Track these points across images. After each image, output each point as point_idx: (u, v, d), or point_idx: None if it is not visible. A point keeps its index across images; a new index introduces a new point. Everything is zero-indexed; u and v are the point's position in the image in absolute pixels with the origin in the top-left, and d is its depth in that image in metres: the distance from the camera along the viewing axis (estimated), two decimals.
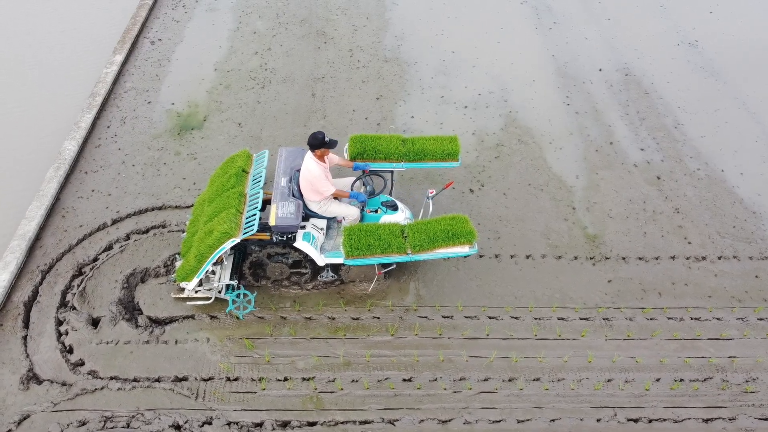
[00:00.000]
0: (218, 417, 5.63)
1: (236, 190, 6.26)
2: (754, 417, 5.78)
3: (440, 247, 5.96)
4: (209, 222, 6.11)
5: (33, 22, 10.86)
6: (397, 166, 6.67)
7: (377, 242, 5.90)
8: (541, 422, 5.69)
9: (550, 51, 10.51)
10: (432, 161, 6.67)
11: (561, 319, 6.53)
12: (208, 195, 6.60)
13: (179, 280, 6.14)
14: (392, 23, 11.07)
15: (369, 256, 5.92)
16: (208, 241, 5.88)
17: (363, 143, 6.59)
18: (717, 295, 6.83)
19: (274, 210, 6.06)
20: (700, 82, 9.90)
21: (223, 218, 5.93)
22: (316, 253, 6.19)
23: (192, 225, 6.61)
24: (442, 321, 6.45)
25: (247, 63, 9.98)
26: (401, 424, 5.64)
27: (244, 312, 6.37)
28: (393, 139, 6.67)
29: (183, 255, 6.43)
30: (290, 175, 6.40)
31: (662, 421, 5.74)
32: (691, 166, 8.40)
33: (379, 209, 6.52)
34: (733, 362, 6.20)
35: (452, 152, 6.65)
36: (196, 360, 6.07)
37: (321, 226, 6.43)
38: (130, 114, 8.92)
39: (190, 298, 6.38)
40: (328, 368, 6.03)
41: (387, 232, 5.99)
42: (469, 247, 6.00)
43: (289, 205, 6.11)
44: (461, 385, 5.93)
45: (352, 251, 5.89)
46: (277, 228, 6.02)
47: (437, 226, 6.02)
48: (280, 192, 6.24)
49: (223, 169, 6.77)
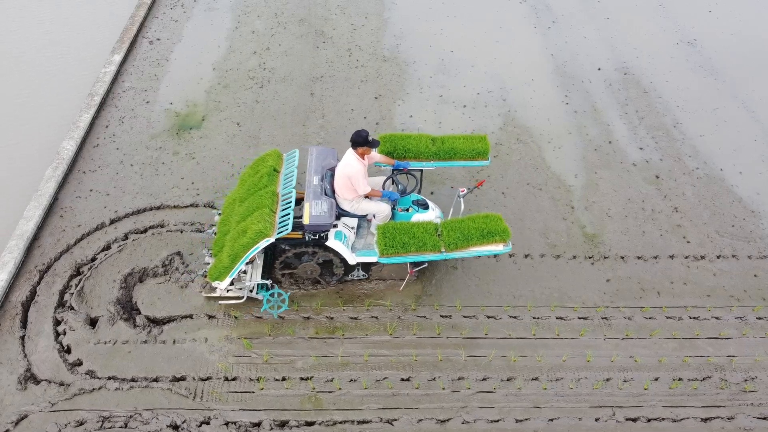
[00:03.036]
0: (216, 417, 5.62)
1: (269, 190, 6.23)
2: (753, 416, 5.78)
3: (474, 245, 5.91)
4: (242, 221, 6.09)
5: (32, 21, 10.85)
6: (428, 165, 6.63)
7: (412, 240, 5.86)
8: (540, 422, 5.68)
9: (549, 50, 10.49)
10: (462, 160, 6.63)
11: (559, 318, 6.52)
12: (239, 194, 6.58)
13: (212, 279, 6.13)
14: (391, 22, 11.06)
15: (403, 254, 5.88)
16: (242, 240, 5.87)
17: (393, 142, 6.55)
18: (716, 294, 6.82)
19: (307, 208, 6.03)
20: (699, 81, 9.89)
21: (257, 218, 5.91)
22: (347, 251, 6.18)
23: (222, 224, 6.60)
24: (441, 320, 6.44)
25: (246, 62, 9.97)
26: (399, 424, 5.63)
27: (279, 311, 6.35)
28: (422, 138, 6.63)
29: (214, 254, 6.42)
30: (322, 174, 6.37)
31: (661, 420, 5.73)
32: (690, 165, 8.39)
33: (411, 208, 6.49)
34: (732, 361, 6.20)
35: (482, 151, 6.61)
36: (194, 360, 6.06)
37: (352, 225, 6.42)
38: (129, 114, 8.91)
39: (222, 297, 6.37)
40: (326, 368, 6.02)
41: (422, 230, 5.95)
42: (503, 245, 5.97)
43: (323, 203, 6.07)
44: (460, 384, 5.93)
45: (387, 249, 5.85)
46: (311, 227, 5.99)
47: (471, 225, 5.98)
48: (312, 190, 6.20)
49: (254, 169, 6.74)
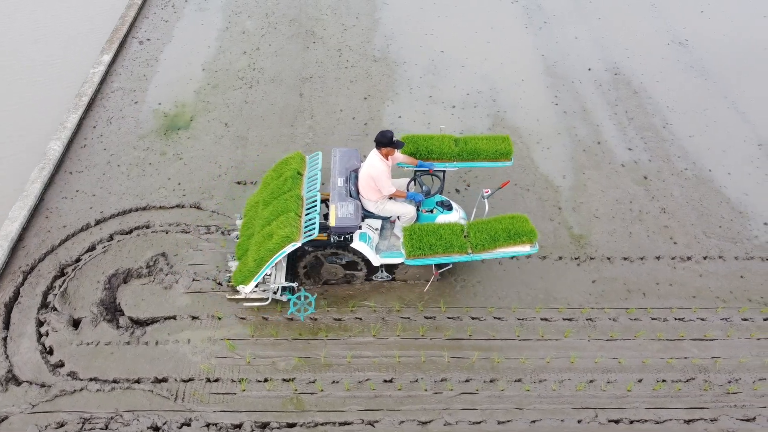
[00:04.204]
0: (197, 418, 5.61)
1: (293, 193, 6.21)
2: (736, 418, 5.76)
3: (501, 247, 5.88)
4: (267, 226, 6.08)
5: (21, 21, 10.83)
6: (451, 166, 6.60)
7: (439, 242, 5.83)
8: (522, 423, 5.67)
9: (539, 50, 10.47)
10: (484, 161, 6.60)
11: (544, 319, 6.51)
12: (263, 197, 6.57)
13: (236, 283, 6.14)
14: (382, 23, 11.04)
15: (430, 255, 5.85)
16: (268, 245, 5.86)
17: (415, 143, 6.51)
18: (702, 295, 6.80)
19: (333, 211, 6.01)
20: (689, 82, 9.87)
21: (283, 222, 5.90)
22: (372, 253, 6.17)
23: (245, 227, 6.59)
24: (425, 321, 6.42)
25: (236, 63, 9.96)
26: (381, 426, 5.62)
27: (305, 314, 6.34)
28: (445, 139, 6.59)
29: (238, 258, 6.42)
30: (346, 176, 6.36)
31: (644, 422, 5.72)
32: (678, 166, 8.37)
33: (435, 209, 6.47)
34: (716, 363, 6.18)
35: (505, 152, 6.58)
36: (176, 361, 6.05)
37: (376, 227, 6.42)
38: (117, 114, 8.89)
39: (246, 299, 6.36)
40: (308, 369, 6.00)
41: (448, 231, 5.93)
42: (530, 246, 5.93)
43: (348, 205, 6.06)
44: (442, 386, 5.91)
45: (414, 251, 5.82)
46: (337, 229, 5.98)
47: (498, 226, 5.95)
48: (337, 192, 6.19)
49: (277, 172, 6.72)
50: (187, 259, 6.93)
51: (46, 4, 11.30)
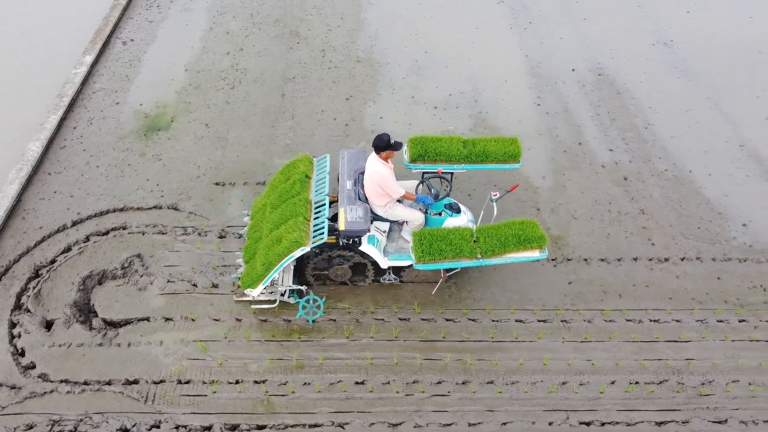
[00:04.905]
0: (166, 420, 5.60)
1: (302, 197, 6.20)
2: (708, 420, 5.75)
3: (511, 252, 5.86)
4: (275, 229, 6.07)
5: (3, 22, 10.81)
6: (459, 168, 6.56)
7: (449, 247, 5.80)
8: (493, 425, 5.65)
9: (524, 51, 10.46)
10: (493, 163, 6.56)
11: (519, 321, 6.49)
12: (270, 200, 6.56)
13: (244, 287, 6.12)
14: (367, 23, 11.03)
15: (440, 260, 5.82)
16: (277, 249, 5.85)
17: (423, 145, 6.47)
18: (678, 296, 6.78)
19: (342, 214, 6.00)
20: (673, 83, 9.85)
21: (292, 226, 5.89)
22: (380, 256, 6.17)
23: (252, 230, 6.58)
24: (399, 323, 6.41)
25: (219, 63, 9.94)
26: (351, 428, 5.60)
27: (314, 317, 6.33)
28: (454, 141, 6.56)
29: (245, 261, 6.41)
30: (354, 178, 6.34)
31: (615, 424, 5.70)
32: (659, 167, 8.35)
33: (443, 212, 6.45)
34: (689, 365, 6.16)
35: (514, 154, 6.54)
36: (148, 363, 6.03)
37: (384, 229, 6.41)
38: (98, 115, 8.88)
39: (254, 301, 6.35)
40: (280, 371, 5.99)
41: (458, 236, 5.90)
42: (540, 251, 5.91)
43: (357, 208, 6.04)
44: (414, 388, 5.89)
45: (423, 256, 5.79)
46: (347, 232, 5.96)
47: (507, 231, 5.92)
48: (346, 195, 6.17)
49: (285, 175, 6.71)
50: (162, 260, 6.92)
51: (29, 4, 11.27)
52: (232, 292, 6.59)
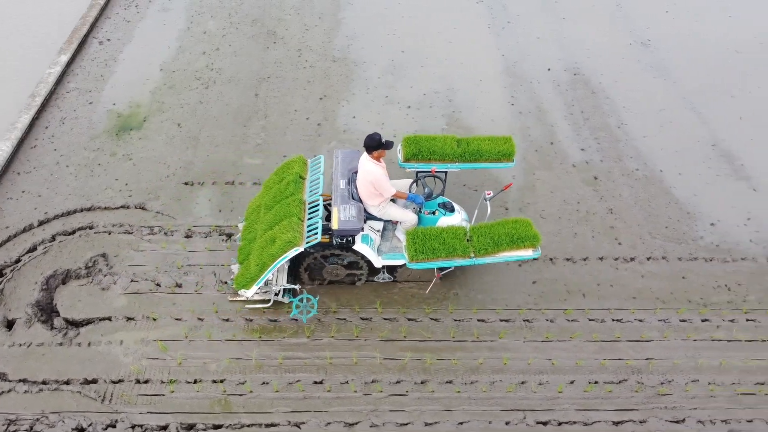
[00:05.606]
0: (123, 420, 5.59)
1: (296, 198, 6.22)
2: (665, 419, 5.74)
3: (504, 251, 5.88)
4: (269, 230, 6.09)
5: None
6: (453, 167, 6.57)
7: (442, 246, 5.83)
8: (449, 425, 5.65)
9: (500, 50, 10.45)
10: (487, 162, 6.58)
11: (481, 321, 6.48)
12: (265, 201, 6.58)
13: (238, 287, 6.14)
14: (345, 23, 11.02)
15: (433, 259, 5.85)
16: (270, 249, 5.87)
17: (418, 144, 6.48)
18: (642, 296, 6.78)
19: (335, 213, 6.02)
20: (648, 82, 9.84)
21: (286, 227, 5.91)
22: (374, 255, 6.18)
23: (247, 231, 6.60)
24: (361, 323, 6.40)
25: (194, 63, 9.94)
26: (307, 427, 5.60)
27: (308, 316, 6.33)
28: (448, 140, 6.57)
29: (240, 262, 6.41)
30: (348, 177, 6.36)
31: (572, 424, 5.70)
32: (630, 167, 8.35)
33: (437, 211, 6.48)
34: (650, 364, 6.16)
35: (507, 153, 6.55)
36: (108, 362, 6.03)
37: (378, 228, 6.43)
38: (70, 114, 8.88)
39: (248, 301, 6.35)
40: (239, 371, 5.99)
41: (451, 235, 5.92)
42: (533, 250, 5.93)
43: (351, 208, 6.07)
44: (372, 387, 5.89)
45: (417, 255, 5.81)
46: (340, 232, 5.99)
47: (501, 230, 5.94)
48: (340, 195, 6.19)
49: (279, 176, 6.72)
50: (127, 260, 6.92)
51: (4, 3, 11.26)
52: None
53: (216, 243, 7.14)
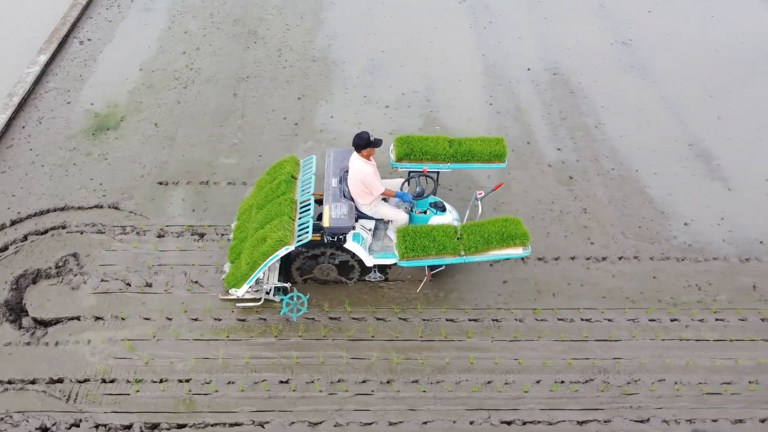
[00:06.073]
0: (87, 419, 5.60)
1: (287, 197, 6.24)
2: (630, 419, 5.74)
3: (494, 249, 5.91)
4: (260, 229, 6.10)
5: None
6: (444, 167, 6.61)
7: (432, 244, 5.86)
8: (413, 425, 5.65)
9: (481, 50, 10.45)
10: (479, 162, 6.62)
11: (450, 320, 6.48)
12: (257, 201, 6.59)
13: (229, 286, 6.13)
14: (327, 23, 11.02)
15: (423, 257, 5.88)
16: (261, 248, 5.87)
17: (410, 144, 6.52)
18: (612, 296, 6.78)
19: (327, 211, 6.05)
20: (627, 82, 9.84)
21: (277, 226, 5.92)
22: (365, 254, 6.19)
23: (239, 231, 6.61)
24: (329, 322, 6.41)
25: (174, 63, 9.94)
26: (271, 427, 5.61)
27: (298, 314, 6.34)
28: (440, 140, 6.61)
29: (231, 261, 6.42)
30: (340, 176, 6.39)
31: (536, 423, 5.70)
32: (605, 166, 8.35)
33: (428, 210, 6.50)
34: (617, 364, 6.16)
35: (499, 153, 6.59)
36: (75, 362, 6.03)
37: (369, 227, 6.44)
38: (48, 114, 8.88)
39: (239, 299, 6.35)
40: (205, 370, 5.99)
41: (441, 233, 5.95)
42: (523, 248, 5.95)
43: (342, 206, 6.11)
44: (338, 387, 5.89)
45: (407, 253, 5.84)
46: (331, 230, 6.03)
47: (491, 228, 5.98)
48: (331, 193, 6.23)
49: (271, 175, 6.74)
50: (98, 259, 6.93)
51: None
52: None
53: (188, 243, 7.15)
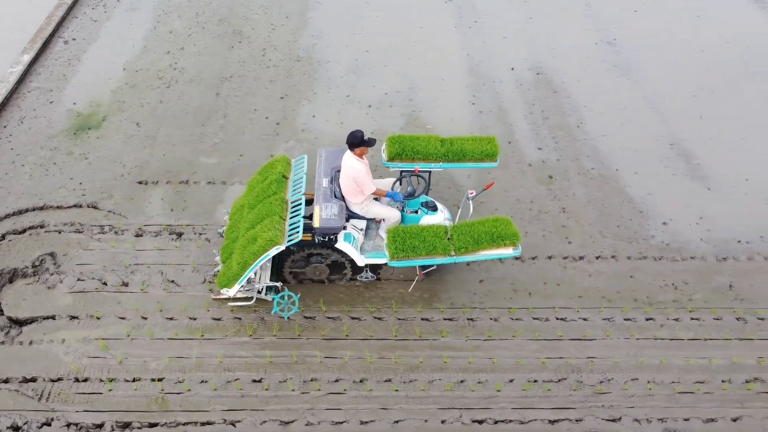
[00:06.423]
0: (59, 418, 5.60)
1: (278, 197, 6.27)
2: (601, 418, 5.75)
3: (484, 249, 5.94)
4: (251, 229, 6.11)
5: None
6: (436, 167, 6.63)
7: (422, 244, 5.89)
8: (385, 423, 5.66)
9: (465, 50, 10.46)
10: (470, 161, 6.64)
11: (425, 319, 6.49)
12: (248, 201, 6.61)
13: (220, 286, 6.15)
14: (312, 22, 11.03)
15: (413, 257, 5.90)
16: (252, 248, 5.89)
17: (402, 144, 6.53)
18: (588, 295, 6.79)
19: (317, 211, 6.07)
20: (611, 81, 9.85)
21: (267, 225, 5.94)
22: (357, 253, 6.21)
23: (230, 230, 6.62)
24: (303, 321, 6.41)
25: (158, 63, 9.94)
26: (242, 426, 5.61)
27: (289, 313, 6.36)
28: (432, 140, 6.63)
29: (223, 261, 6.43)
30: (331, 176, 6.40)
31: (508, 422, 5.70)
32: (586, 165, 8.35)
33: (419, 210, 6.52)
34: (590, 363, 6.16)
35: (491, 153, 6.61)
36: (48, 361, 6.04)
37: (361, 227, 6.46)
38: (30, 114, 8.89)
39: (231, 298, 6.36)
40: (179, 369, 5.99)
41: (431, 233, 5.98)
42: (513, 248, 5.97)
43: (333, 206, 6.13)
44: (310, 386, 5.90)
45: (397, 253, 5.86)
46: (321, 230, 6.04)
47: (481, 228, 6.00)
48: (322, 193, 6.25)
49: (262, 175, 6.75)
50: (75, 259, 6.93)
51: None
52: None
53: (165, 242, 7.15)
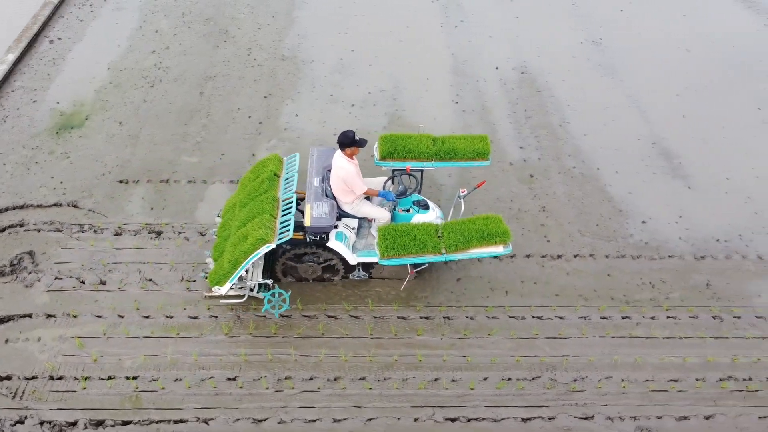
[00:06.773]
0: (32, 416, 5.61)
1: (269, 195, 6.27)
2: (574, 416, 5.76)
3: (475, 247, 5.96)
4: (242, 227, 6.12)
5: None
6: (428, 165, 6.64)
7: (412, 242, 5.91)
8: (357, 421, 5.67)
9: (450, 49, 10.47)
10: (462, 160, 6.66)
11: (401, 318, 6.50)
12: (240, 199, 6.62)
13: (212, 284, 6.14)
14: (298, 22, 11.04)
15: (404, 256, 5.93)
16: (242, 246, 5.89)
17: (393, 143, 6.55)
18: (565, 293, 6.80)
19: (308, 210, 6.08)
20: (595, 80, 9.86)
21: (258, 223, 5.94)
22: (348, 252, 6.23)
23: (222, 229, 6.63)
24: (280, 320, 6.42)
25: (143, 62, 9.95)
26: (215, 424, 5.62)
27: (280, 311, 6.37)
28: (423, 139, 6.65)
29: (214, 259, 6.43)
30: (323, 175, 6.42)
31: (480, 420, 5.72)
32: (567, 164, 8.36)
33: (411, 209, 6.54)
34: (565, 361, 6.18)
35: (483, 151, 6.63)
36: (24, 359, 6.05)
37: (352, 226, 6.48)
38: (13, 113, 8.90)
39: (223, 296, 6.34)
40: (153, 367, 6.00)
41: (422, 232, 6.00)
42: (503, 246, 5.99)
43: (324, 205, 6.14)
44: (284, 384, 5.91)
45: (388, 251, 5.89)
46: (312, 228, 6.05)
47: (472, 226, 6.03)
48: (313, 192, 6.26)
49: (254, 173, 6.76)
50: (54, 257, 6.94)
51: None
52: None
53: (144, 241, 7.17)
